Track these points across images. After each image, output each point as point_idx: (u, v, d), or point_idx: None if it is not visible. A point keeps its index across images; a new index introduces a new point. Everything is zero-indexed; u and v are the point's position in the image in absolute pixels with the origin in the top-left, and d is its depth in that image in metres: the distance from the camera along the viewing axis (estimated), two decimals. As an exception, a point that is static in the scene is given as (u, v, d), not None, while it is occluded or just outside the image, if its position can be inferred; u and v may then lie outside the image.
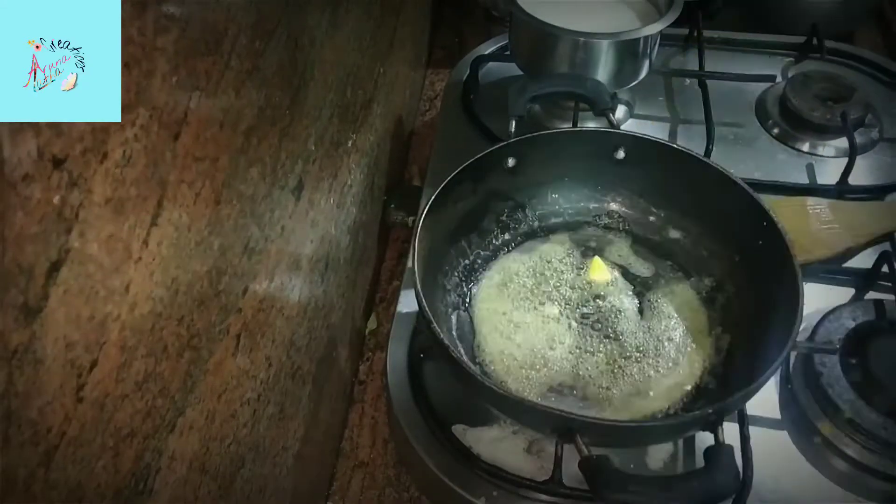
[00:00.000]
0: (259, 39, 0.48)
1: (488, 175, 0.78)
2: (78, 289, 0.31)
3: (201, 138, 0.41)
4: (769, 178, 0.90)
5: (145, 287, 0.36)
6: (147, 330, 0.37)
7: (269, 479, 0.60)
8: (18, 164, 0.27)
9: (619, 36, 0.90)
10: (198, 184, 0.41)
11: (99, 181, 0.31)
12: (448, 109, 1.01)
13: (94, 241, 0.32)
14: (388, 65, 0.91)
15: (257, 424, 0.55)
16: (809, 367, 0.71)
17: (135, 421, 0.37)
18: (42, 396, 0.29)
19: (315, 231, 0.66)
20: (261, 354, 0.55)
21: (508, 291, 0.78)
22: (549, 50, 0.92)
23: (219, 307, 0.46)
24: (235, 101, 0.45)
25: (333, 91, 0.67)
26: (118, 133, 0.32)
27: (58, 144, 0.28)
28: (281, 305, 0.58)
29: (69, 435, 0.32)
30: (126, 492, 0.37)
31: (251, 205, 0.50)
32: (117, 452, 0.36)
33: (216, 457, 0.48)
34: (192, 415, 0.43)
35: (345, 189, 0.75)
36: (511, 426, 0.67)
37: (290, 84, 0.55)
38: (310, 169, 0.62)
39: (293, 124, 0.56)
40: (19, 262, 0.27)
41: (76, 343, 0.31)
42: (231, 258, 0.47)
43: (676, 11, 0.92)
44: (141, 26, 0.33)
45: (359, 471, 0.77)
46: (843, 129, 0.93)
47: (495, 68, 1.05)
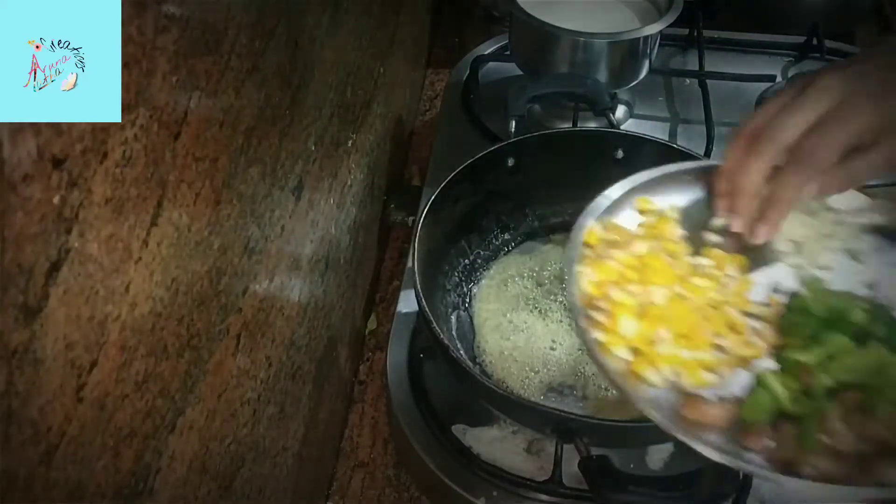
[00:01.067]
0: (259, 39, 0.48)
1: (488, 175, 0.78)
2: (78, 289, 0.31)
3: (201, 138, 0.41)
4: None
5: (145, 287, 0.36)
6: (147, 330, 0.37)
7: (269, 479, 0.60)
8: (18, 164, 0.26)
9: (619, 36, 0.90)
10: (198, 184, 0.41)
11: (99, 181, 0.31)
12: (448, 109, 1.01)
13: (94, 241, 0.32)
14: (388, 65, 0.91)
15: (257, 424, 0.55)
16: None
17: (135, 421, 0.37)
18: (42, 396, 0.29)
19: (315, 231, 0.66)
20: (261, 354, 0.55)
21: (508, 291, 0.78)
22: (549, 50, 0.92)
23: (219, 307, 0.46)
24: (235, 101, 0.45)
25: (333, 91, 0.67)
26: (118, 133, 0.32)
27: (58, 144, 0.28)
28: (281, 305, 0.58)
29: (69, 435, 0.32)
30: (126, 491, 0.37)
31: (251, 205, 0.50)
32: (117, 452, 0.36)
33: (216, 456, 0.48)
34: (192, 415, 0.43)
35: (345, 189, 0.75)
36: (511, 426, 0.67)
37: (290, 84, 0.55)
38: (310, 169, 0.62)
39: (293, 124, 0.56)
40: (19, 262, 0.27)
41: (76, 343, 0.31)
42: (231, 258, 0.47)
43: (676, 11, 0.92)
44: (141, 26, 0.33)
45: (359, 471, 0.77)
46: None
47: (495, 68, 1.05)
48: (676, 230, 0.55)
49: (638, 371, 0.47)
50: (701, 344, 0.48)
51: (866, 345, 0.48)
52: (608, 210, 0.55)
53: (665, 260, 0.51)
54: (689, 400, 0.46)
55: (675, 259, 0.52)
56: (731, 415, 0.46)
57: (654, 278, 0.50)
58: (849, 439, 0.44)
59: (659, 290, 0.50)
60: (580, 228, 0.53)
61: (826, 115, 0.50)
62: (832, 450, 0.44)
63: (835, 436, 0.44)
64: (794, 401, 0.46)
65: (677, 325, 0.48)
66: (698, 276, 0.51)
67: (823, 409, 0.45)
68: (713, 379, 0.47)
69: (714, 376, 0.47)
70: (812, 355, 0.47)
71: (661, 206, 0.56)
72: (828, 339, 0.48)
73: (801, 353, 0.48)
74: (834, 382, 0.46)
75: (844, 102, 0.50)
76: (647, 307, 0.49)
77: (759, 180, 0.51)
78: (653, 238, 0.53)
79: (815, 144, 0.50)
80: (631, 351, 0.48)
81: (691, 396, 0.46)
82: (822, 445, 0.44)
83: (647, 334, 0.48)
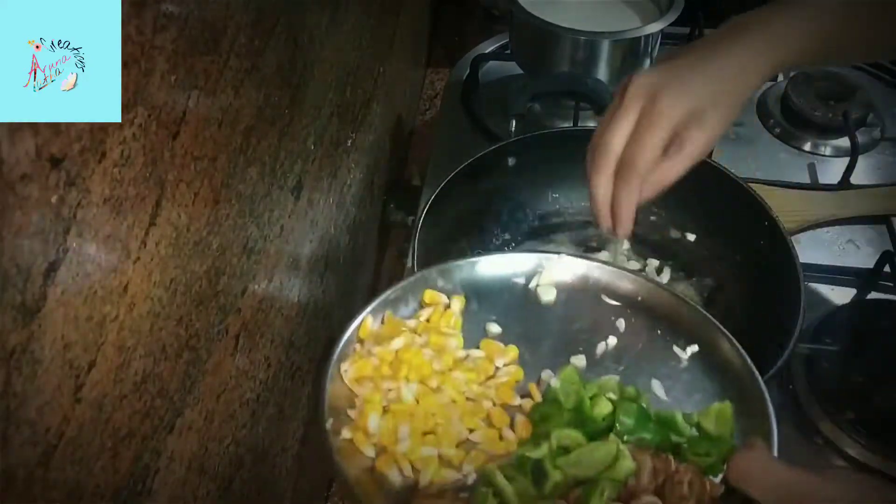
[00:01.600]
0: (258, 38, 0.48)
1: (488, 175, 0.78)
2: (76, 289, 0.31)
3: (200, 137, 0.41)
4: (770, 178, 0.90)
5: (143, 287, 0.36)
6: (145, 330, 0.37)
7: (268, 481, 0.60)
8: (16, 163, 0.26)
9: (620, 35, 0.90)
10: (196, 183, 0.41)
11: (97, 181, 0.31)
12: (448, 109, 1.01)
13: (92, 241, 0.31)
14: (388, 64, 0.90)
15: (256, 425, 0.55)
16: (811, 368, 0.71)
17: (133, 421, 0.37)
18: (40, 397, 0.29)
19: (314, 231, 0.66)
20: (260, 355, 0.55)
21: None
22: (550, 49, 0.92)
23: (217, 307, 0.46)
24: (234, 101, 0.45)
25: (333, 90, 0.67)
26: (116, 132, 0.32)
27: (56, 144, 0.28)
28: (280, 305, 0.58)
29: (68, 435, 0.31)
30: (125, 492, 0.37)
31: (250, 204, 0.49)
32: (116, 453, 0.36)
33: (215, 457, 0.48)
34: (190, 415, 0.43)
35: (344, 189, 0.75)
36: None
37: (290, 83, 0.55)
38: (309, 168, 0.62)
39: (292, 123, 0.56)
40: (17, 262, 0.27)
41: (74, 343, 0.31)
42: (230, 258, 0.47)
43: (677, 10, 0.92)
44: (139, 25, 0.33)
45: (358, 471, 0.77)
46: (844, 128, 0.93)
47: (495, 67, 1.05)
48: (457, 321, 0.54)
49: (381, 469, 0.46)
50: (447, 440, 0.48)
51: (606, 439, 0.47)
52: (394, 301, 0.54)
53: (424, 355, 0.51)
54: (421, 499, 0.45)
55: (441, 353, 0.51)
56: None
57: (408, 374, 0.49)
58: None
59: (410, 386, 0.49)
60: (354, 321, 0.52)
61: (640, 118, 0.55)
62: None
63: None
64: (520, 497, 0.45)
65: (422, 422, 0.48)
66: (462, 369, 0.51)
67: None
68: (454, 475, 0.47)
69: (455, 472, 0.47)
70: (540, 450, 0.46)
71: (451, 292, 0.55)
72: (557, 434, 0.47)
73: (532, 448, 0.47)
74: (563, 477, 0.45)
75: (655, 101, 0.55)
76: (395, 404, 0.48)
77: (605, 190, 0.57)
78: (426, 331, 0.53)
79: (633, 154, 0.55)
80: (375, 448, 0.47)
81: (423, 494, 0.46)
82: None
83: (391, 431, 0.47)
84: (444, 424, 0.48)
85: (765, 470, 0.42)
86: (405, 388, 0.49)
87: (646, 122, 0.55)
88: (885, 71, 1.06)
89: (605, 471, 0.45)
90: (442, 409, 0.49)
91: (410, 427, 0.48)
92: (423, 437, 0.48)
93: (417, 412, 0.48)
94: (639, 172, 0.55)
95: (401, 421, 0.48)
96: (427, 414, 0.48)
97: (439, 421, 0.48)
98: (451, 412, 0.49)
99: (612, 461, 0.45)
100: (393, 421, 0.48)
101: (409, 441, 0.47)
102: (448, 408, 0.49)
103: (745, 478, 0.43)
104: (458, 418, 0.49)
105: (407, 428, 0.48)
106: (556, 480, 0.46)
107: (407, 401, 0.49)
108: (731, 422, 0.48)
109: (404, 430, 0.47)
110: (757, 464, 0.43)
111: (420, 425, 0.48)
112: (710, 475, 0.45)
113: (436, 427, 0.48)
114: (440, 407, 0.49)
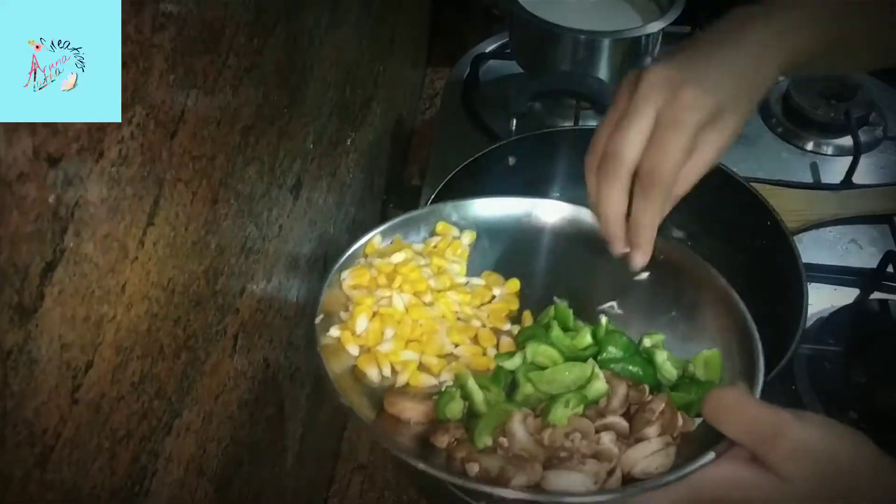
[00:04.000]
0: (257, 37, 0.48)
1: (489, 174, 0.78)
2: (73, 289, 0.30)
3: (198, 137, 0.40)
4: (772, 177, 0.90)
5: (141, 287, 0.36)
6: (143, 331, 0.37)
7: (267, 482, 0.60)
8: (13, 162, 0.26)
9: (620, 34, 0.90)
10: (194, 183, 0.41)
11: (95, 180, 0.31)
12: (448, 108, 1.01)
13: (89, 241, 0.31)
14: (388, 63, 0.90)
15: (255, 426, 0.55)
16: (813, 368, 0.70)
17: (131, 422, 0.37)
18: (37, 397, 0.29)
19: (313, 230, 0.65)
20: (258, 355, 0.55)
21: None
22: (551, 48, 0.92)
23: (216, 307, 0.46)
24: (233, 100, 0.45)
25: (333, 89, 0.67)
26: (114, 132, 0.32)
27: (53, 143, 0.28)
28: (279, 306, 0.58)
29: (65, 436, 0.31)
30: (122, 493, 0.37)
31: (249, 204, 0.49)
32: (113, 454, 0.35)
33: (213, 458, 0.48)
34: (188, 416, 0.43)
35: (344, 188, 0.74)
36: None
37: (289, 82, 0.55)
38: (308, 168, 0.61)
39: (291, 123, 0.56)
40: (14, 262, 0.27)
41: (72, 344, 0.31)
42: (228, 258, 0.47)
43: (678, 10, 0.92)
44: (138, 24, 0.33)
45: (358, 473, 0.77)
46: (847, 127, 0.93)
47: (496, 66, 1.04)
48: (464, 251, 0.55)
49: (361, 367, 0.48)
50: (430, 349, 0.49)
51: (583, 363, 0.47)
52: (405, 227, 0.55)
53: (422, 271, 0.52)
54: (393, 395, 0.46)
55: (439, 273, 0.52)
56: (429, 414, 0.45)
57: (402, 285, 0.51)
58: (524, 443, 0.42)
59: (402, 296, 0.50)
60: (363, 238, 0.54)
61: (659, 119, 0.48)
62: (506, 452, 0.42)
63: (511, 438, 0.43)
64: (487, 403, 0.45)
65: (408, 329, 0.49)
66: (459, 291, 0.52)
67: (508, 410, 0.44)
68: (431, 381, 0.48)
69: (433, 379, 0.48)
70: (514, 362, 0.48)
71: (463, 227, 0.56)
72: (533, 349, 0.47)
73: (507, 359, 0.48)
74: (534, 391, 0.46)
75: (677, 98, 0.48)
76: (385, 310, 0.49)
77: (619, 207, 0.50)
78: (430, 255, 0.53)
79: (655, 163, 0.48)
80: (360, 348, 0.48)
81: (396, 391, 0.47)
82: (495, 446, 0.43)
83: (377, 333, 0.49)
84: (430, 334, 0.50)
85: (739, 406, 0.40)
86: (397, 297, 0.50)
87: (667, 123, 0.48)
88: (887, 70, 1.06)
89: (577, 390, 0.45)
90: (430, 321, 0.50)
91: (396, 331, 0.49)
92: (407, 344, 0.49)
93: (405, 320, 0.50)
94: (664, 184, 0.48)
95: (387, 325, 0.49)
96: (415, 323, 0.50)
97: (425, 330, 0.50)
98: (439, 325, 0.50)
99: (585, 382, 0.45)
100: (380, 324, 0.49)
101: (393, 343, 0.48)
102: (437, 321, 0.50)
103: (719, 414, 0.41)
104: (444, 332, 0.50)
105: (392, 331, 0.49)
106: (526, 393, 0.47)
107: (397, 308, 0.50)
108: (719, 369, 0.47)
109: (389, 333, 0.49)
110: (731, 400, 0.41)
111: (406, 332, 0.49)
112: (688, 413, 0.45)
113: (421, 336, 0.49)
114: (429, 319, 0.50)
